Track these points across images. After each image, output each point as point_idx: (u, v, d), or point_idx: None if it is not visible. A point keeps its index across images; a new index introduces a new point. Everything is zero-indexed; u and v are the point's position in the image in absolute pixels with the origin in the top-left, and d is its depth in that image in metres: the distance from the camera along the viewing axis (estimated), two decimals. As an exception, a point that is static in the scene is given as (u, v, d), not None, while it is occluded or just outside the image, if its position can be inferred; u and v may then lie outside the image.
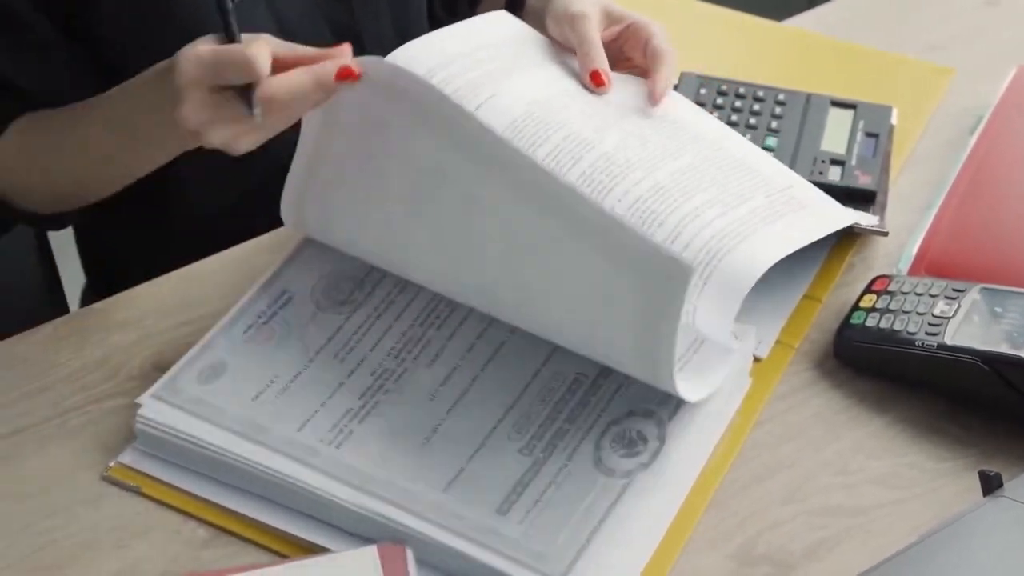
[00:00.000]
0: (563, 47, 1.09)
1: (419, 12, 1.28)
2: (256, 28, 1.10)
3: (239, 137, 0.93)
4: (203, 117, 0.91)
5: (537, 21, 1.14)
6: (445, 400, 0.93)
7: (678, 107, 1.07)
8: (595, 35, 1.06)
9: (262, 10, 1.13)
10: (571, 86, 1.05)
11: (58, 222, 1.15)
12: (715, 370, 0.92)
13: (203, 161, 1.06)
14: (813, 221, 1.00)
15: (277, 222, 1.06)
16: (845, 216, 1.04)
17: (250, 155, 1.03)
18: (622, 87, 1.05)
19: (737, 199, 0.99)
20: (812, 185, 1.05)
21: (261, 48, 0.91)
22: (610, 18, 1.10)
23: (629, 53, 1.09)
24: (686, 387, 0.89)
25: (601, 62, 1.05)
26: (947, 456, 0.93)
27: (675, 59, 1.07)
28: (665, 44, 1.08)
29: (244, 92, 0.90)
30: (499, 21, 1.12)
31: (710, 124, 1.07)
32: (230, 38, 0.93)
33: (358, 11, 1.19)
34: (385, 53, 1.18)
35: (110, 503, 0.91)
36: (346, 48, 0.94)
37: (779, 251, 0.95)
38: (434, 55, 1.03)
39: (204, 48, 0.92)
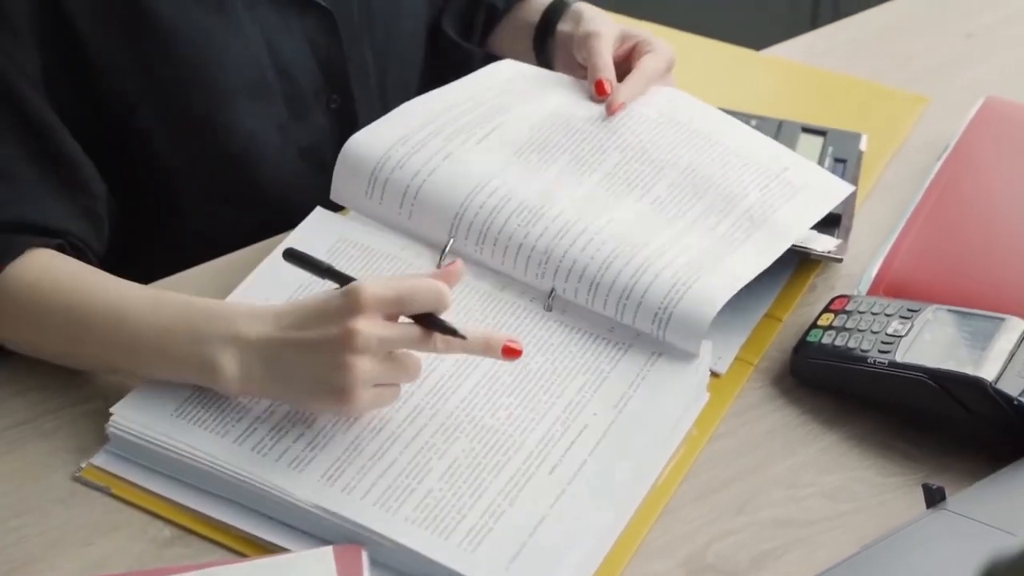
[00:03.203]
0: (576, 75, 1.19)
1: (404, 45, 1.32)
2: (252, 64, 1.15)
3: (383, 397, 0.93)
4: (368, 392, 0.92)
5: (566, 48, 1.24)
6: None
7: (675, 104, 1.16)
8: (604, 49, 1.17)
9: (260, 48, 1.17)
10: (573, 110, 1.15)
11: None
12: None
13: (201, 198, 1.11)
14: (805, 208, 1.07)
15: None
16: (840, 190, 1.10)
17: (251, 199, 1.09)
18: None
19: (730, 202, 1.06)
20: (807, 162, 1.12)
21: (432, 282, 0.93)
22: (624, 38, 1.20)
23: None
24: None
25: (605, 72, 1.15)
26: (896, 471, 0.95)
27: (656, 73, 1.17)
28: (652, 60, 1.17)
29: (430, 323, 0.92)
30: (496, 69, 1.22)
31: (704, 116, 1.15)
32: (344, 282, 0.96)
33: (347, 48, 1.23)
34: (369, 88, 1.24)
35: (80, 502, 0.93)
36: (456, 269, 0.95)
37: (746, 275, 1.00)
38: (438, 100, 1.15)
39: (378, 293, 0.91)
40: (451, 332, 0.91)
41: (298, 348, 0.91)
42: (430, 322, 0.91)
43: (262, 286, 1.04)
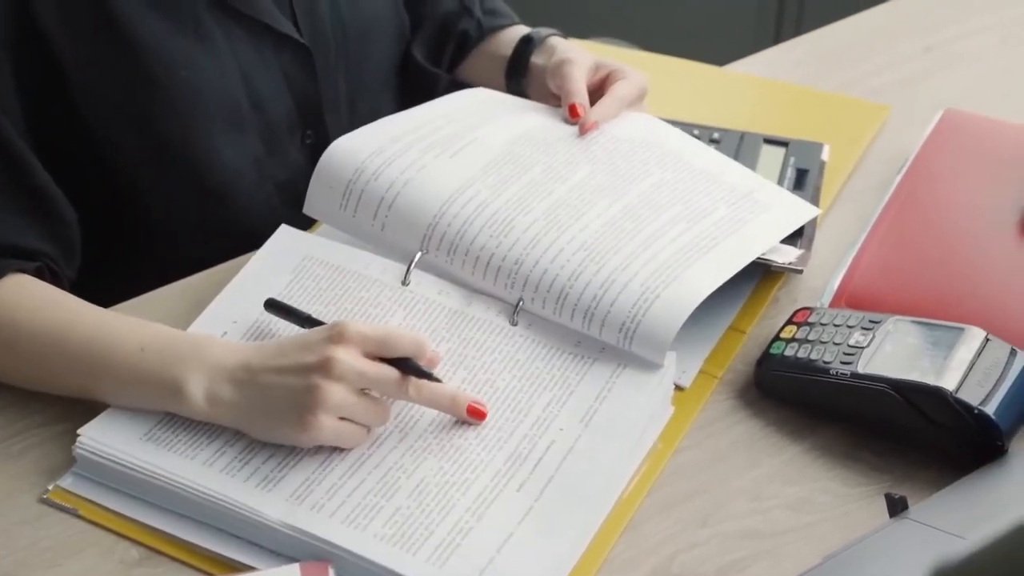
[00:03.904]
0: (549, 101, 1.22)
1: (377, 78, 1.33)
2: (229, 95, 1.16)
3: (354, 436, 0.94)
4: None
5: (540, 80, 1.26)
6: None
7: (646, 128, 1.17)
8: (578, 75, 1.18)
9: (236, 80, 1.17)
10: (547, 129, 1.16)
11: None
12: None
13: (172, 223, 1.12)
14: (772, 225, 1.08)
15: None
16: (807, 211, 1.12)
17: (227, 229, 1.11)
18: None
19: (699, 214, 1.07)
20: (776, 186, 1.14)
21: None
22: (598, 68, 1.21)
23: None
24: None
25: (578, 96, 1.17)
26: (860, 482, 0.96)
27: (628, 98, 1.19)
28: (625, 86, 1.18)
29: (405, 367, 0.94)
30: (471, 92, 1.24)
31: (676, 140, 1.17)
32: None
33: (322, 82, 1.24)
34: (339, 121, 1.25)
35: (47, 524, 0.93)
36: (434, 357, 0.97)
37: (711, 285, 1.01)
38: (414, 117, 1.17)
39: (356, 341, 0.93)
40: (427, 376, 0.94)
41: (275, 372, 0.93)
42: (407, 366, 0.93)
43: (228, 307, 1.05)
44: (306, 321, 1.00)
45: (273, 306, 1.02)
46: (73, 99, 1.12)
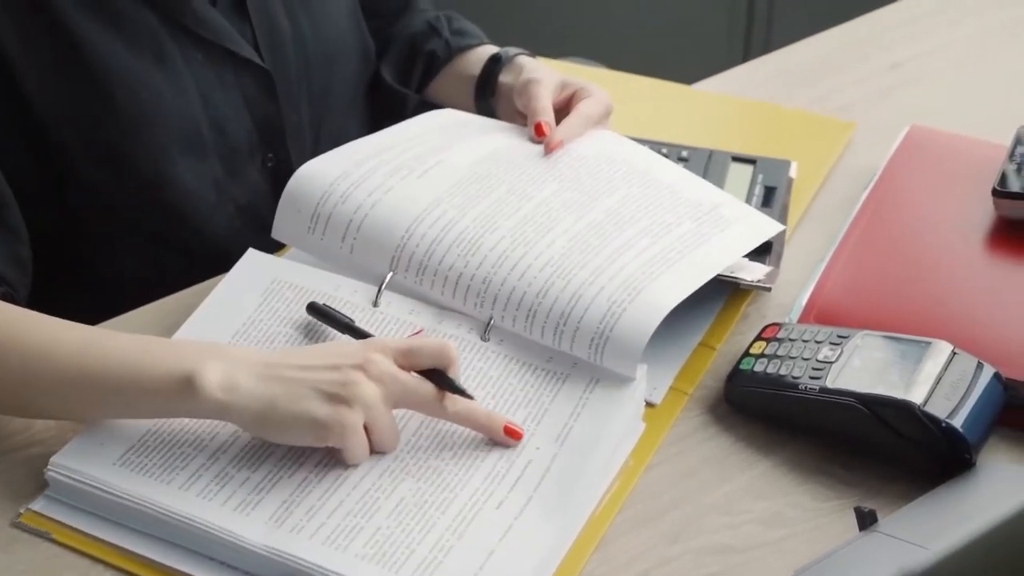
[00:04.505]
0: (517, 120, 1.22)
1: (341, 103, 1.33)
2: (188, 117, 1.16)
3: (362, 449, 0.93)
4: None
5: (507, 99, 1.26)
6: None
7: (612, 145, 1.18)
8: (544, 94, 1.19)
9: (196, 102, 1.18)
10: (513, 149, 1.17)
11: None
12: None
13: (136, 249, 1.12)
14: (738, 239, 1.09)
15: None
16: (771, 227, 1.12)
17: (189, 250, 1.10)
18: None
19: (664, 227, 1.08)
20: (740, 202, 1.14)
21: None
22: (564, 86, 1.22)
23: None
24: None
25: (544, 115, 1.18)
26: (830, 496, 0.96)
27: (593, 117, 1.19)
28: (590, 104, 1.19)
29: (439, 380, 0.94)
30: (437, 114, 1.25)
31: (641, 157, 1.17)
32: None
33: (283, 107, 1.25)
34: (304, 145, 1.26)
35: (21, 548, 0.93)
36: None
37: (679, 295, 1.02)
38: (380, 140, 1.17)
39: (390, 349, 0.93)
40: (460, 391, 0.94)
41: (303, 368, 0.91)
42: (439, 379, 0.94)
43: (199, 331, 1.05)
44: (345, 328, 1.01)
45: (315, 310, 1.03)
46: (33, 121, 1.13)
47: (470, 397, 0.95)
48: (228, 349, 0.95)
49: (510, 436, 0.95)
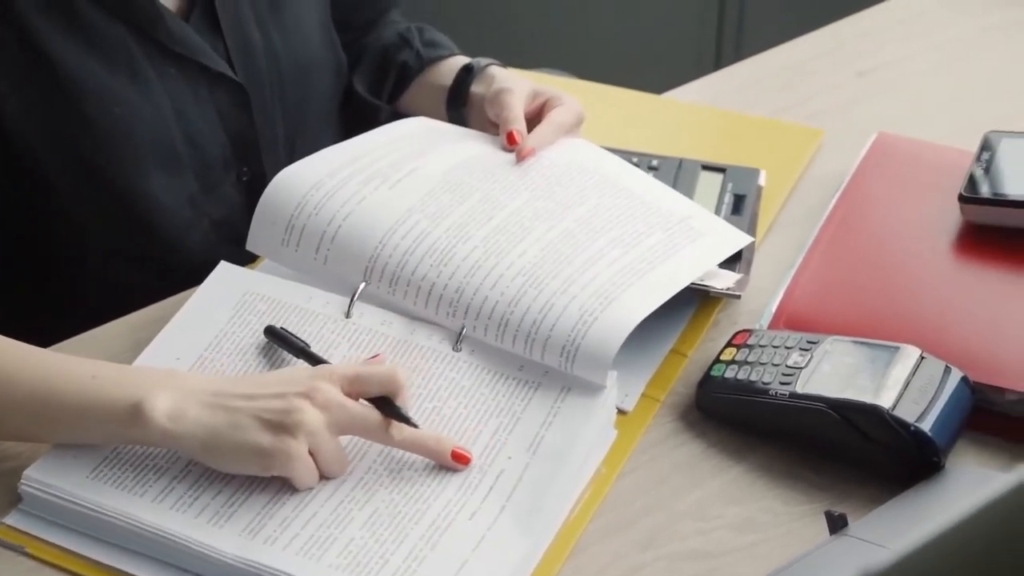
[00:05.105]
0: (489, 130, 1.22)
1: (315, 117, 1.34)
2: (162, 133, 1.17)
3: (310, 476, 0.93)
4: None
5: (479, 109, 1.27)
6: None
7: (584, 153, 1.19)
8: (515, 103, 1.19)
9: (170, 119, 1.18)
10: (486, 157, 1.17)
11: None
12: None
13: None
14: (707, 250, 1.10)
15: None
16: (740, 239, 1.13)
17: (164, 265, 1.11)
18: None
19: (635, 237, 1.09)
20: (710, 213, 1.15)
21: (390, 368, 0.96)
22: (535, 95, 1.22)
23: None
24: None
25: (515, 124, 1.18)
26: (801, 500, 0.97)
27: (564, 125, 1.20)
28: (561, 113, 1.20)
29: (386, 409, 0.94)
30: (410, 122, 1.25)
31: (613, 165, 1.18)
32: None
33: (258, 121, 1.25)
34: (278, 159, 1.27)
35: (-5, 563, 0.93)
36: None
37: (650, 305, 1.02)
38: (354, 148, 1.17)
39: (337, 376, 0.94)
40: (404, 419, 0.94)
41: (249, 398, 0.92)
42: (386, 407, 0.94)
43: (171, 344, 1.05)
44: (300, 352, 1.01)
45: (271, 333, 1.03)
46: (6, 136, 1.13)
47: (415, 426, 0.94)
48: (180, 378, 0.95)
49: (458, 461, 0.94)
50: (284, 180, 1.13)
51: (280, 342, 1.03)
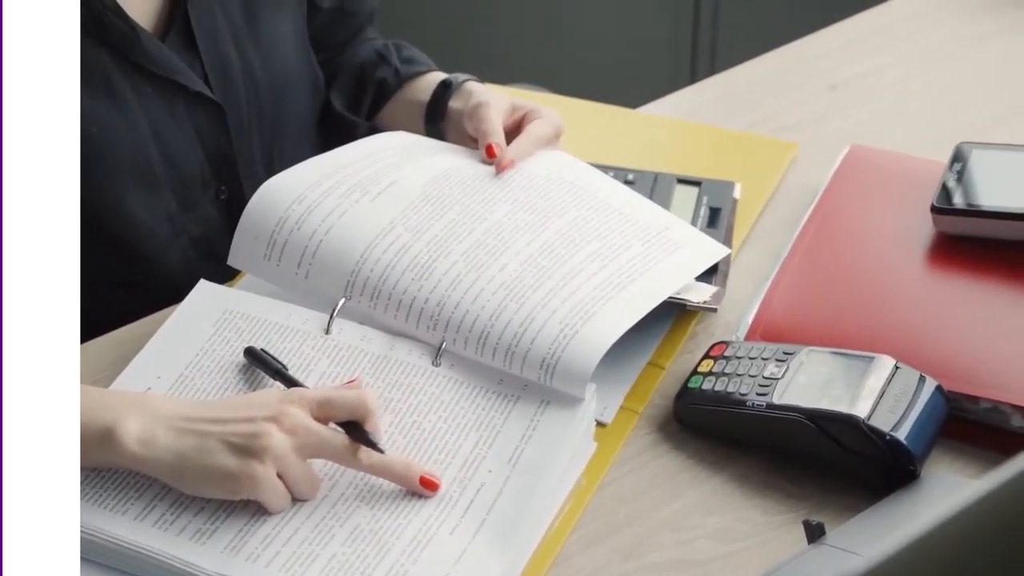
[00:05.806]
0: (467, 145, 1.23)
1: (292, 134, 1.34)
2: (140, 151, 1.17)
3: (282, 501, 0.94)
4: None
5: (457, 124, 1.27)
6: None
7: (562, 165, 1.20)
8: (494, 117, 1.20)
9: (147, 138, 1.18)
10: (465, 170, 1.18)
11: None
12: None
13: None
14: (685, 263, 1.11)
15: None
16: (718, 251, 1.14)
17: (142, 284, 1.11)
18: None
19: (614, 251, 1.10)
20: (687, 225, 1.16)
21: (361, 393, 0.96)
22: (514, 109, 1.24)
23: None
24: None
25: (494, 136, 1.19)
26: (779, 510, 0.98)
27: (543, 137, 1.21)
28: (540, 125, 1.21)
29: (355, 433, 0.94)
30: (390, 135, 1.26)
31: (591, 177, 1.19)
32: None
33: (235, 139, 1.25)
34: (256, 176, 1.27)
35: (-24, 584, 0.93)
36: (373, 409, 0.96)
37: (629, 320, 1.03)
38: (335, 159, 1.18)
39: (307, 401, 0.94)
40: (372, 445, 0.94)
41: (219, 422, 0.92)
42: (354, 432, 0.94)
43: (152, 362, 1.05)
44: (277, 374, 1.01)
45: (251, 355, 1.03)
46: None
47: (381, 451, 0.94)
48: (153, 401, 0.95)
49: (426, 487, 0.94)
50: (267, 193, 1.14)
51: (258, 363, 1.03)
